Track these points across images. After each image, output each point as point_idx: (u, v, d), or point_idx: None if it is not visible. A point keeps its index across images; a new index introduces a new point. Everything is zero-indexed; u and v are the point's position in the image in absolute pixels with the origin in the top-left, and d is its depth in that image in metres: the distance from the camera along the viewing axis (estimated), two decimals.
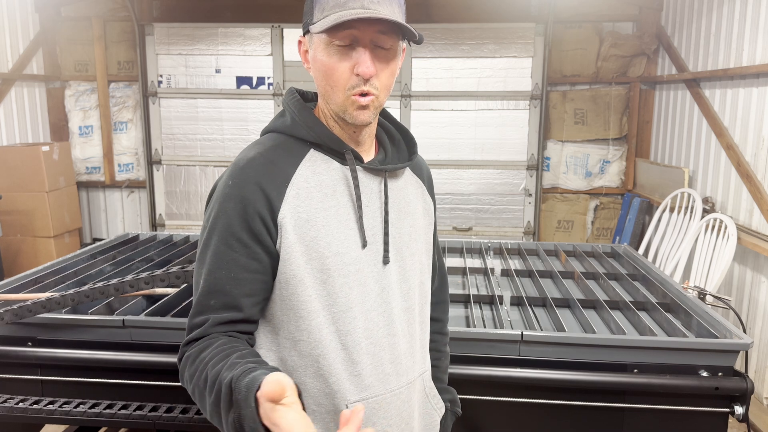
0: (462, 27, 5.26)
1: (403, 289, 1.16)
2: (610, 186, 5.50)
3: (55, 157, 5.17)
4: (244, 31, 5.40)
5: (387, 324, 1.12)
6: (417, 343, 1.21)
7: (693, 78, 4.36)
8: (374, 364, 1.10)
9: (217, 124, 5.60)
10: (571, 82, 5.38)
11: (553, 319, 2.14)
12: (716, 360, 1.81)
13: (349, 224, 1.10)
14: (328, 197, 1.09)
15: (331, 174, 1.11)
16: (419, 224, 1.23)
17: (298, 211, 1.06)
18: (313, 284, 1.06)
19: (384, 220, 1.14)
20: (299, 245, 1.05)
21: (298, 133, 1.13)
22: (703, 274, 3.54)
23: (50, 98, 5.74)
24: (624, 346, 1.85)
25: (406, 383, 1.16)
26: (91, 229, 6.05)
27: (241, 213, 1.04)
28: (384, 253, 1.13)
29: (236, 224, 1.04)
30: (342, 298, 1.07)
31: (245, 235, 1.04)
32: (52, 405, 1.95)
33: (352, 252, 1.09)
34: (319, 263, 1.06)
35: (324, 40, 1.04)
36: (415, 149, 1.26)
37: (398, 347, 1.14)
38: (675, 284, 2.40)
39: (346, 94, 1.05)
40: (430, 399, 1.27)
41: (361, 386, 1.09)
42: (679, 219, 4.14)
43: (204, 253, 1.07)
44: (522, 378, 1.84)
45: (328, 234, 1.07)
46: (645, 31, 5.14)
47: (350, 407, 1.05)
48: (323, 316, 1.06)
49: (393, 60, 1.08)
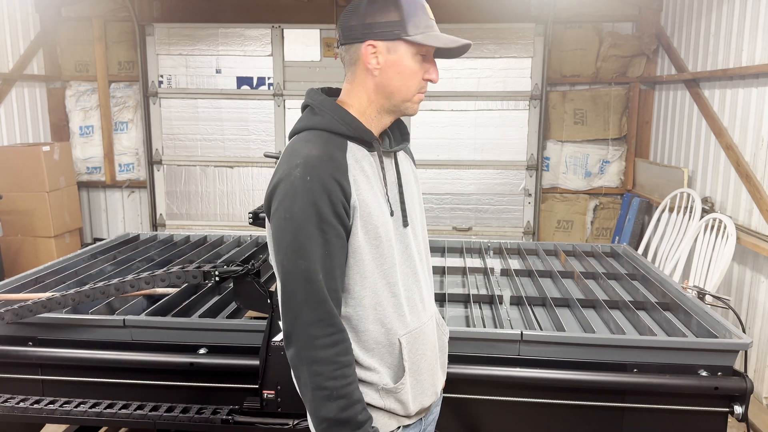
0: (462, 27, 5.26)
1: (416, 244, 1.45)
2: (610, 186, 5.50)
3: (55, 157, 5.17)
4: (245, 32, 5.40)
5: (413, 273, 1.41)
6: (430, 285, 1.52)
7: (692, 78, 4.36)
8: (411, 305, 1.39)
9: (218, 124, 5.60)
10: (571, 82, 5.38)
11: (552, 319, 2.14)
12: (716, 360, 1.81)
13: (382, 198, 1.35)
14: (368, 179, 1.33)
15: (367, 160, 1.35)
16: (415, 192, 1.51)
17: (357, 194, 1.29)
18: (370, 250, 1.31)
19: (399, 192, 1.41)
20: (361, 222, 1.30)
21: (337, 129, 1.33)
22: (702, 274, 3.54)
23: (51, 98, 5.74)
24: (624, 346, 1.85)
25: (429, 317, 1.46)
26: (92, 229, 6.05)
27: (328, 203, 1.24)
28: (403, 218, 1.40)
29: (326, 212, 1.24)
30: (389, 258, 1.34)
31: (333, 220, 1.25)
32: (53, 405, 1.95)
33: (388, 221, 1.35)
34: (374, 233, 1.31)
35: (410, 50, 1.33)
36: (408, 135, 1.52)
37: (422, 290, 1.44)
38: (674, 284, 2.40)
39: (414, 92, 1.36)
40: (440, 326, 1.55)
41: (405, 323, 1.37)
42: (678, 219, 4.14)
43: (299, 239, 1.25)
44: (522, 377, 1.84)
45: (375, 209, 1.32)
46: (644, 32, 5.14)
47: (401, 339, 1.35)
48: (378, 274, 1.33)
49: None
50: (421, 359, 1.41)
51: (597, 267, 2.76)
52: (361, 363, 1.35)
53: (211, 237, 3.29)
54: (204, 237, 3.28)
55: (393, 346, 1.36)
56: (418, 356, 1.41)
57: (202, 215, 5.78)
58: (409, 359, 1.38)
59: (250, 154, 5.58)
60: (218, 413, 1.91)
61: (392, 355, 1.37)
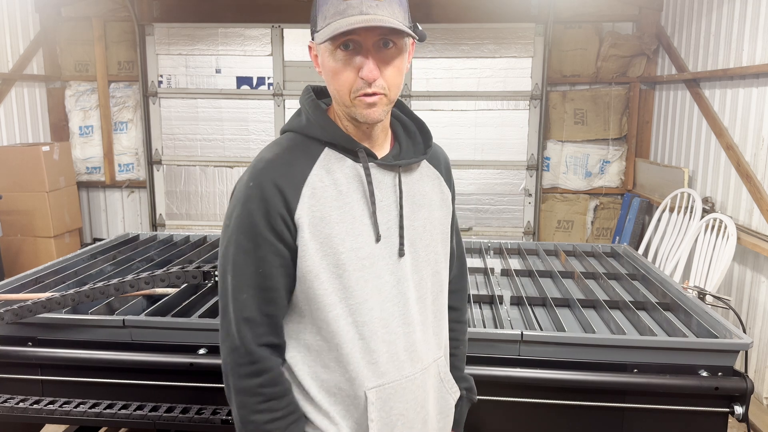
0: (462, 27, 5.26)
1: (416, 279, 1.22)
2: (610, 186, 5.50)
3: (55, 157, 5.17)
4: (244, 31, 5.40)
5: (402, 314, 1.18)
6: (430, 331, 1.26)
7: (693, 78, 4.36)
8: (390, 352, 1.16)
9: (218, 124, 5.60)
10: (571, 82, 5.38)
11: (553, 319, 2.14)
12: (716, 360, 1.81)
13: (364, 220, 1.15)
14: (342, 195, 1.14)
15: (345, 172, 1.16)
16: (435, 216, 1.27)
17: (312, 210, 1.12)
18: (328, 279, 1.12)
19: (399, 215, 1.19)
20: (314, 242, 1.12)
21: (312, 133, 1.18)
22: (702, 274, 3.53)
23: (50, 98, 5.74)
24: (624, 346, 1.85)
25: (420, 369, 1.22)
26: (92, 229, 6.05)
27: (264, 213, 1.10)
28: (399, 246, 1.18)
29: (260, 223, 1.10)
30: (358, 291, 1.13)
31: (268, 233, 1.11)
32: (53, 405, 1.95)
33: (367, 247, 1.15)
34: (334, 258, 1.12)
35: (328, 48, 1.10)
36: (431, 141, 1.29)
37: (413, 335, 1.20)
38: (675, 284, 2.40)
39: (351, 97, 1.11)
40: (445, 383, 1.30)
41: (378, 373, 1.15)
42: (678, 219, 4.14)
43: (230, 251, 1.13)
44: (522, 378, 1.84)
45: (342, 231, 1.13)
46: (645, 31, 5.14)
47: (368, 393, 1.14)
48: (340, 308, 1.13)
49: (398, 57, 1.12)
50: (396, 422, 1.18)
51: (597, 267, 2.76)
52: (319, 405, 1.16)
53: (210, 237, 3.29)
54: (204, 237, 3.28)
55: (358, 398, 1.15)
56: (393, 418, 1.17)
57: (202, 215, 5.78)
58: (378, 419, 1.15)
59: (250, 154, 5.58)
60: (218, 413, 1.91)
61: (357, 409, 1.16)
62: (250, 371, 1.12)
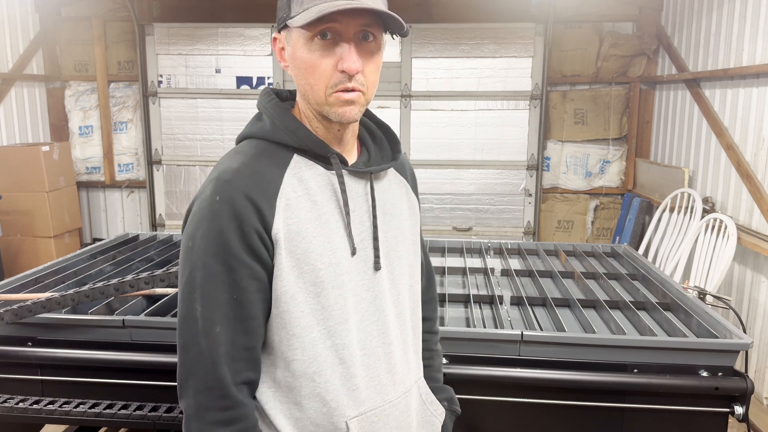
0: (462, 27, 5.26)
1: (394, 294, 1.13)
2: (610, 186, 5.50)
3: (55, 157, 5.17)
4: (244, 31, 5.40)
5: (381, 333, 1.09)
6: (410, 349, 1.17)
7: (693, 78, 4.36)
8: (370, 376, 1.08)
9: (217, 124, 5.60)
10: (571, 82, 5.38)
11: (553, 319, 2.14)
12: (716, 360, 1.81)
13: (339, 232, 1.05)
14: (316, 206, 1.04)
15: (317, 180, 1.06)
16: (405, 225, 1.19)
17: (288, 223, 1.01)
18: (306, 299, 1.02)
19: (372, 225, 1.10)
20: (290, 259, 1.01)
21: (279, 138, 1.06)
22: (703, 274, 3.53)
23: (50, 98, 5.74)
24: (624, 346, 1.85)
25: (403, 392, 1.13)
26: (91, 229, 6.05)
27: (237, 231, 0.97)
28: (375, 259, 1.09)
29: (234, 244, 0.97)
30: (337, 311, 1.04)
31: (244, 254, 0.98)
32: (52, 405, 1.95)
33: (344, 261, 1.05)
34: (312, 276, 1.02)
35: (304, 36, 1.00)
36: (399, 148, 1.21)
37: (393, 356, 1.11)
38: (675, 284, 2.40)
39: (328, 92, 1.01)
40: (428, 405, 1.23)
41: (359, 400, 1.06)
42: (679, 219, 4.14)
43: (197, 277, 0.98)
44: (522, 378, 1.84)
45: (319, 245, 1.03)
46: (645, 31, 5.14)
47: (350, 423, 1.04)
48: (318, 331, 1.03)
49: (378, 54, 1.04)
50: None
51: (597, 267, 2.76)
52: None
53: None
54: None
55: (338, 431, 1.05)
56: None
57: None
58: None
59: None
60: None
61: None
62: (222, 418, 0.97)
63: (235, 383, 0.99)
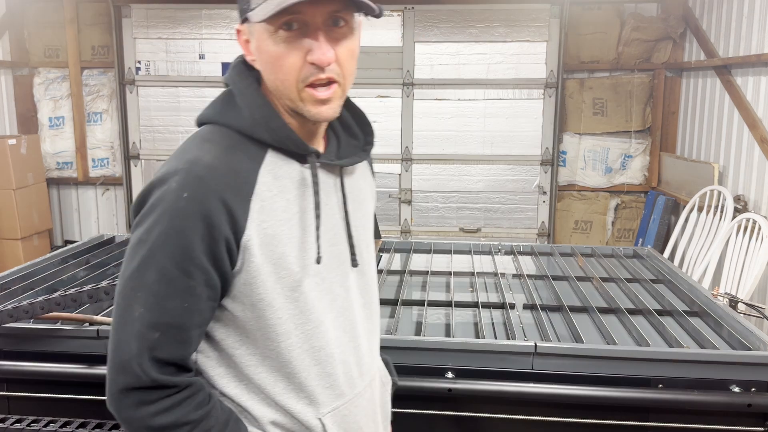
0: (470, 8, 5.26)
1: (361, 284, 1.20)
2: (633, 183, 5.50)
3: (22, 152, 5.17)
4: (231, 13, 5.39)
5: (351, 327, 1.16)
6: (374, 339, 1.27)
7: (723, 64, 4.36)
8: (345, 372, 1.15)
9: None
10: (590, 68, 5.38)
11: (570, 327, 2.14)
12: (749, 374, 1.81)
13: (312, 231, 1.08)
14: (290, 204, 1.07)
15: (292, 176, 1.08)
16: (369, 211, 1.27)
17: (263, 227, 1.02)
18: (283, 305, 1.05)
19: (345, 221, 1.15)
20: (267, 265, 1.03)
21: (258, 135, 1.06)
22: (734, 280, 3.53)
23: (17, 87, 5.74)
24: (647, 359, 1.85)
25: (369, 381, 1.22)
26: (63, 230, 6.05)
27: (204, 235, 0.97)
28: (351, 257, 1.15)
29: (197, 248, 0.97)
30: (314, 314, 1.08)
31: (206, 260, 0.98)
32: (20, 423, 1.95)
33: (311, 263, 1.08)
34: (290, 281, 1.05)
35: (267, 29, 1.00)
36: (372, 138, 1.23)
37: (360, 348, 1.19)
38: (704, 291, 2.40)
39: (298, 87, 1.02)
40: (385, 384, 1.34)
41: (334, 395, 1.13)
42: (708, 219, 4.14)
43: (146, 275, 0.98)
44: (536, 394, 1.84)
45: (294, 247, 1.06)
46: (670, 13, 5.14)
47: (324, 420, 1.12)
48: (295, 336, 1.07)
49: (350, 38, 1.04)
50: None
51: (618, 271, 2.76)
52: None
53: None
54: None
55: (312, 428, 1.11)
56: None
57: None
58: None
59: None
60: None
61: None
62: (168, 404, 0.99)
63: (169, 376, 1.00)
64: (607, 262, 2.91)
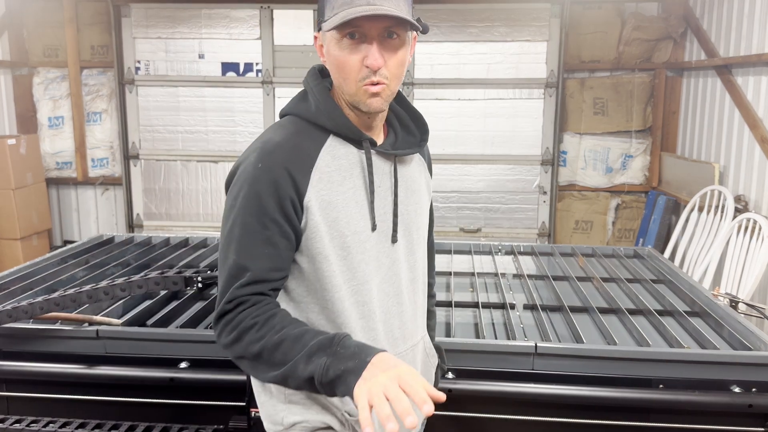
0: (470, 8, 5.26)
1: (410, 261, 1.43)
2: (633, 183, 5.50)
3: (22, 151, 5.17)
4: (230, 13, 5.40)
5: (396, 294, 1.39)
6: (419, 311, 1.50)
7: (724, 64, 4.36)
8: (386, 330, 1.37)
9: (201, 114, 5.60)
10: (590, 68, 5.38)
11: (570, 328, 2.14)
12: (750, 374, 1.81)
13: (365, 205, 1.34)
14: (346, 180, 1.32)
15: (349, 158, 1.34)
16: (423, 200, 1.49)
17: (321, 194, 1.28)
18: (336, 260, 1.30)
19: (393, 202, 1.38)
20: (323, 225, 1.28)
21: (321, 121, 1.33)
22: (735, 280, 3.54)
23: (17, 86, 5.74)
24: (648, 359, 1.85)
25: (411, 346, 1.45)
26: (62, 230, 6.06)
27: (274, 195, 1.25)
28: (393, 233, 1.38)
29: (269, 205, 1.25)
30: (360, 273, 1.32)
31: (278, 215, 1.25)
32: (19, 424, 1.95)
33: (367, 231, 1.33)
34: (341, 241, 1.30)
35: (335, 36, 1.26)
36: (427, 135, 1.48)
37: (405, 314, 1.42)
38: (704, 291, 2.40)
39: (357, 85, 1.27)
40: (430, 357, 1.56)
41: None
42: (708, 219, 4.14)
43: (234, 231, 1.27)
44: (536, 394, 1.84)
45: (347, 215, 1.30)
46: (671, 13, 5.14)
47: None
48: (345, 290, 1.31)
49: (401, 49, 1.28)
50: None
51: (619, 271, 2.76)
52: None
53: (193, 239, 3.29)
54: (185, 239, 3.28)
55: None
56: None
57: (184, 215, 5.78)
58: None
59: (237, 147, 5.58)
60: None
61: None
62: (244, 314, 1.23)
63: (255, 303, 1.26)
64: (608, 262, 2.92)
